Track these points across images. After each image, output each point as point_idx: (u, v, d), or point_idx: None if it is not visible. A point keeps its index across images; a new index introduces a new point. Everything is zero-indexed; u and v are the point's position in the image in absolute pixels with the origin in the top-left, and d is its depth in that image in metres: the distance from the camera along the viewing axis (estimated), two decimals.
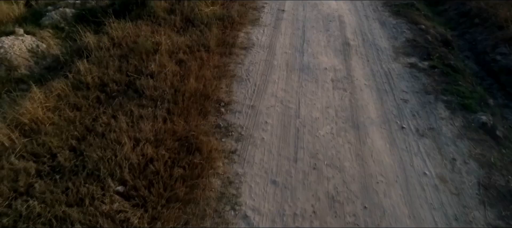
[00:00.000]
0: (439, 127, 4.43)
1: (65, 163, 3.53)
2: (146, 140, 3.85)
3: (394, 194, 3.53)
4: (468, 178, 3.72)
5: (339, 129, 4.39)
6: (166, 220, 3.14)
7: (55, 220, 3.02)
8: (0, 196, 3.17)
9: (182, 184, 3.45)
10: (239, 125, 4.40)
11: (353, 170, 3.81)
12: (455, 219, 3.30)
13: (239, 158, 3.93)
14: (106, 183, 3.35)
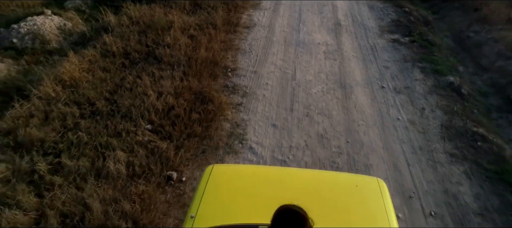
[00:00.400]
0: (414, 86, 5.23)
1: (103, 108, 4.32)
2: (167, 92, 4.63)
3: (371, 133, 4.32)
4: (433, 122, 4.51)
5: (329, 88, 5.18)
6: (187, 149, 3.92)
7: (99, 147, 3.80)
8: (53, 130, 3.95)
9: (198, 125, 4.24)
10: (244, 85, 5.18)
11: (339, 117, 4.60)
12: (420, 148, 4.08)
13: (244, 108, 4.72)
14: (138, 122, 4.13)
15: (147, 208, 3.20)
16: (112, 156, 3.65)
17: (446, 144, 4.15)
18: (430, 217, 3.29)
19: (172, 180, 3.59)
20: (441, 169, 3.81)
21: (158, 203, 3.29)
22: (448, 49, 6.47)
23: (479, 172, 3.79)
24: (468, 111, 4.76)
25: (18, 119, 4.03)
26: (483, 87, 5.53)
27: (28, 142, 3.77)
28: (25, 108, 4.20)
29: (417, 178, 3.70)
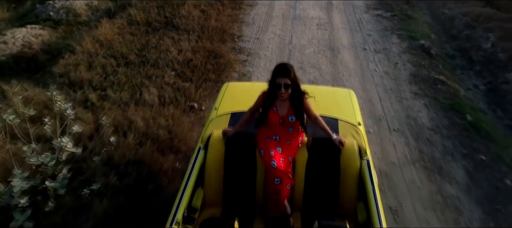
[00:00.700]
0: (390, 47, 6.24)
1: (134, 60, 5.32)
2: (186, 50, 5.64)
3: (353, 80, 5.32)
4: (404, 72, 5.52)
5: (319, 50, 6.18)
6: (204, 88, 4.92)
7: (135, 86, 4.79)
8: (97, 74, 4.94)
9: (212, 73, 5.24)
10: (248, 47, 6.18)
11: (327, 69, 5.60)
12: (390, 89, 5.09)
13: (249, 64, 5.71)
14: (164, 69, 5.13)
15: (176, 124, 4.19)
16: (146, 90, 4.65)
17: (412, 86, 5.16)
18: (393, 131, 4.29)
19: (194, 108, 4.59)
20: (405, 102, 4.82)
21: (184, 122, 4.29)
22: (425, 23, 7.48)
23: (436, 104, 4.79)
24: (434, 66, 5.76)
25: (69, 66, 5.02)
26: (451, 51, 6.53)
27: (79, 81, 4.76)
28: (73, 59, 5.19)
29: (386, 108, 4.70)
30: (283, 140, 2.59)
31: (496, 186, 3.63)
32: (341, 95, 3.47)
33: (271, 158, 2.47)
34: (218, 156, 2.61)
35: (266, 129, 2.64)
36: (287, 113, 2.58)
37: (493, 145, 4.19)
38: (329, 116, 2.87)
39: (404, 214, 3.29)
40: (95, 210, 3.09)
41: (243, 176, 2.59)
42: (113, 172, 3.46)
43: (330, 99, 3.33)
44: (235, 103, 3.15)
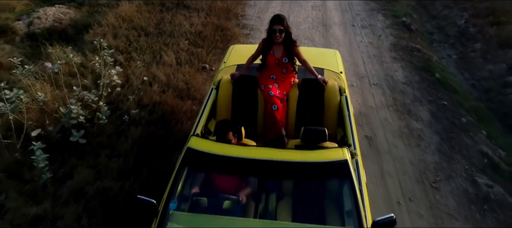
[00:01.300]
0: (375, 23, 7.09)
1: (153, 31, 6.16)
2: (196, 24, 6.48)
3: (341, 48, 6.15)
4: (386, 43, 6.37)
5: (313, 26, 7.02)
6: (213, 54, 5.76)
7: (155, 51, 5.62)
8: (122, 42, 5.78)
9: (220, 42, 6.08)
10: (251, 24, 7.03)
11: (319, 41, 6.44)
12: (373, 55, 5.93)
13: (251, 36, 6.55)
14: (179, 38, 5.97)
15: (192, 79, 5.03)
16: (165, 54, 5.49)
17: (391, 53, 6.01)
18: (373, 85, 5.13)
19: (206, 69, 5.43)
20: (385, 65, 5.66)
21: (198, 78, 5.12)
22: (408, 5, 8.32)
23: (410, 66, 5.64)
24: (413, 38, 6.61)
25: (97, 35, 5.85)
26: (430, 28, 7.38)
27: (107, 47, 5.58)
28: (100, 30, 6.03)
29: (368, 68, 5.54)
30: (278, 79, 3.35)
31: (453, 122, 4.47)
32: (328, 54, 4.29)
33: (270, 90, 3.26)
34: (227, 94, 3.37)
35: (265, 71, 3.42)
36: (281, 55, 3.34)
37: (455, 95, 5.03)
38: (317, 66, 3.59)
39: (377, 141, 4.13)
40: (132, 134, 3.92)
41: (247, 109, 3.34)
42: (144, 109, 4.30)
43: (319, 56, 4.12)
44: (239, 58, 3.89)
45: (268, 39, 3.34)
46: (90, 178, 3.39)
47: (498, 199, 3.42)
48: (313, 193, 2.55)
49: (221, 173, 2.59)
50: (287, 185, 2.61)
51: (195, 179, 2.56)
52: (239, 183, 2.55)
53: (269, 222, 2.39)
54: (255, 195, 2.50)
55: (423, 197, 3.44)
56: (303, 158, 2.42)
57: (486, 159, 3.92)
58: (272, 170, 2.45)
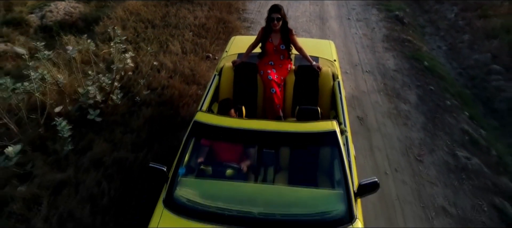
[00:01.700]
0: (370, 17, 7.46)
1: (159, 23, 6.53)
2: (200, 17, 6.85)
3: (337, 40, 6.52)
4: (379, 34, 6.74)
5: (311, 19, 7.39)
6: (216, 44, 6.12)
7: (162, 41, 5.99)
8: (130, 33, 6.14)
9: (222, 34, 6.45)
10: (251, 17, 7.40)
11: (316, 33, 6.81)
12: (367, 46, 6.30)
13: (252, 29, 6.92)
14: (184, 30, 6.34)
15: (196, 66, 5.40)
16: (171, 44, 5.86)
17: (384, 44, 6.38)
18: (366, 72, 5.50)
19: (209, 57, 5.80)
20: (377, 54, 6.03)
21: (202, 66, 5.49)
22: (402, 0, 8.69)
23: (401, 55, 6.01)
24: (405, 31, 6.99)
25: (107, 27, 6.22)
26: (422, 22, 7.76)
27: None
28: (109, 22, 6.40)
29: (361, 57, 5.91)
30: (276, 65, 3.65)
31: (438, 105, 4.84)
32: (323, 44, 4.63)
33: (268, 74, 3.57)
34: (229, 79, 3.67)
35: (264, 58, 3.72)
36: (279, 43, 3.64)
37: (442, 82, 5.40)
38: (313, 55, 3.86)
39: (368, 120, 4.50)
40: (143, 113, 4.29)
41: (248, 92, 3.63)
42: (153, 92, 4.67)
43: (315, 46, 4.43)
44: (240, 48, 4.17)
45: (267, 27, 3.64)
46: (107, 150, 3.76)
47: (475, 169, 3.79)
48: (306, 161, 2.80)
49: (224, 142, 2.83)
50: (284, 156, 2.88)
51: (201, 149, 2.82)
52: (241, 154, 2.83)
53: (267, 186, 2.69)
54: (255, 167, 2.76)
55: (407, 167, 3.81)
56: (296, 129, 2.68)
57: (467, 136, 4.29)
58: (270, 139, 2.70)
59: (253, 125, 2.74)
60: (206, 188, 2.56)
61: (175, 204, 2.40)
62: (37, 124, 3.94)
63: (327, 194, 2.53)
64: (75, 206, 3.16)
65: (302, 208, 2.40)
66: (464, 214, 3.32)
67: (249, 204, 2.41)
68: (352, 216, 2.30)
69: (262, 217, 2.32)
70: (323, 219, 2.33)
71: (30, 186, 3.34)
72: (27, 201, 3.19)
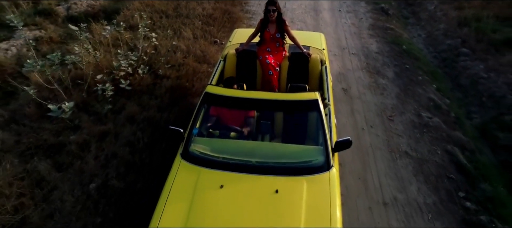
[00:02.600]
0: (358, 9, 8.36)
1: (172, 14, 7.43)
2: (207, 8, 7.74)
3: (328, 28, 7.42)
4: (365, 23, 7.64)
5: (306, 11, 8.29)
6: (223, 32, 7.02)
7: (175, 29, 6.88)
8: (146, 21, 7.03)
9: (227, 23, 7.34)
10: (253, 10, 8.29)
11: (310, 22, 7.71)
12: (354, 33, 7.20)
13: (253, 19, 7.81)
14: (194, 20, 7.24)
15: (206, 49, 6.29)
16: (183, 31, 6.75)
17: (369, 31, 7.28)
18: (352, 54, 6.40)
19: (217, 42, 6.69)
20: (363, 40, 6.93)
21: (211, 49, 6.38)
22: None
23: (383, 40, 6.91)
24: (389, 20, 7.88)
25: (126, 16, 7.11)
26: (406, 14, 8.66)
27: (136, 25, 6.84)
28: (128, 13, 7.29)
29: (349, 42, 6.81)
30: (273, 51, 4.33)
31: (411, 79, 5.74)
32: (315, 36, 5.34)
33: (266, 59, 4.25)
34: (232, 64, 4.37)
35: (262, 46, 4.40)
36: (274, 31, 4.31)
37: (417, 62, 6.30)
38: (306, 44, 4.53)
39: (351, 91, 5.39)
40: (164, 84, 5.18)
41: (248, 75, 4.26)
42: (172, 68, 5.56)
43: (308, 37, 5.04)
44: (242, 39, 4.78)
45: (264, 18, 4.24)
46: (138, 111, 4.65)
47: (435, 125, 4.69)
48: (296, 126, 3.40)
49: (229, 109, 3.41)
50: (278, 125, 3.46)
51: (210, 117, 3.41)
52: (242, 122, 3.41)
53: (263, 143, 3.28)
54: (254, 135, 3.33)
55: (380, 125, 4.71)
56: (287, 98, 3.32)
57: (432, 103, 5.19)
58: (265, 106, 3.35)
59: (252, 95, 3.35)
60: (215, 145, 3.12)
61: (190, 156, 2.95)
62: (80, 90, 4.84)
63: (310, 149, 3.08)
64: (117, 149, 4.05)
65: (290, 159, 2.94)
66: (421, 156, 4.22)
67: (248, 156, 2.94)
68: (329, 166, 2.87)
69: (258, 164, 2.87)
70: (306, 167, 2.88)
71: (80, 135, 4.24)
72: (80, 145, 4.09)
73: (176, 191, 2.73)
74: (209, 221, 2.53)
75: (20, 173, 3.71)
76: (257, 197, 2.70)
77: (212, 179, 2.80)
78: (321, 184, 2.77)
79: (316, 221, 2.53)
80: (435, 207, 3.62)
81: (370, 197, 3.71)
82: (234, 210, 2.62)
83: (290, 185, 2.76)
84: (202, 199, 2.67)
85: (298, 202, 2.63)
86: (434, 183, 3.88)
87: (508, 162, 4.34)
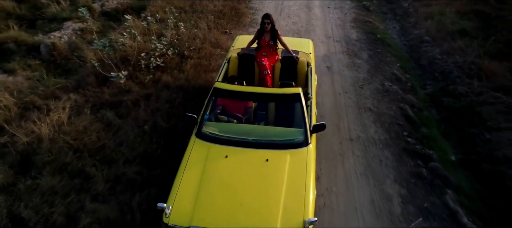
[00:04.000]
0: (344, 6, 9.93)
1: (189, 10, 8.99)
2: (218, 5, 9.31)
3: (318, 21, 8.99)
4: (349, 17, 9.21)
5: (300, 8, 9.86)
6: (231, 24, 8.58)
7: (193, 21, 8.44)
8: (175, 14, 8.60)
9: (235, 17, 8.91)
10: (256, 6, 9.86)
11: (304, 17, 9.28)
12: (339, 25, 8.76)
13: (256, 14, 9.37)
14: (207, 14, 8.80)
15: (219, 37, 7.85)
16: (200, 23, 8.31)
17: (351, 24, 8.85)
18: (335, 41, 7.97)
19: (227, 32, 8.25)
20: (345, 30, 8.50)
21: (223, 37, 7.94)
22: None
23: (362, 31, 8.48)
24: (369, 15, 9.46)
25: (152, 12, 8.66)
26: (385, 10, 10.23)
27: (161, 19, 8.39)
28: (153, 9, 8.85)
29: (334, 32, 8.38)
30: (268, 55, 5.29)
31: (381, 60, 7.31)
32: (303, 41, 6.56)
33: (262, 60, 5.52)
34: (234, 65, 5.23)
35: (259, 50, 5.43)
36: (269, 39, 5.21)
37: (388, 47, 7.87)
38: (295, 49, 5.30)
39: (333, 68, 6.95)
40: (189, 62, 6.74)
41: (247, 74, 5.14)
42: (194, 51, 7.12)
43: (297, 43, 6.00)
44: (242, 45, 5.56)
45: (261, 28, 5.16)
46: (171, 81, 6.21)
47: (394, 91, 6.26)
48: (284, 112, 4.30)
49: (232, 100, 4.32)
50: (270, 115, 4.36)
51: (217, 107, 4.31)
52: (243, 111, 4.34)
53: (258, 126, 4.16)
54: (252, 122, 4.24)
55: (353, 91, 6.27)
56: (277, 92, 4.30)
57: (394, 76, 6.76)
58: (261, 98, 4.34)
59: (250, 90, 4.35)
60: (221, 127, 3.95)
61: (202, 135, 3.83)
62: (127, 65, 6.39)
63: (293, 130, 3.93)
64: (160, 105, 5.61)
65: (277, 137, 3.82)
66: (380, 111, 5.79)
67: (246, 135, 3.82)
68: (307, 143, 3.75)
69: (254, 141, 3.76)
70: (289, 143, 3.75)
71: (131, 95, 5.79)
72: (132, 102, 5.64)
73: (193, 160, 3.59)
74: (217, 181, 3.40)
75: (94, 119, 5.27)
76: (253, 164, 3.56)
77: (219, 151, 3.65)
78: (300, 156, 3.65)
79: (295, 181, 3.38)
80: (385, 141, 5.19)
81: (341, 136, 5.28)
82: (235, 173, 3.50)
83: (277, 156, 3.61)
84: (212, 165, 3.53)
85: (283, 168, 3.49)
86: (387, 127, 5.46)
87: (446, 117, 5.91)
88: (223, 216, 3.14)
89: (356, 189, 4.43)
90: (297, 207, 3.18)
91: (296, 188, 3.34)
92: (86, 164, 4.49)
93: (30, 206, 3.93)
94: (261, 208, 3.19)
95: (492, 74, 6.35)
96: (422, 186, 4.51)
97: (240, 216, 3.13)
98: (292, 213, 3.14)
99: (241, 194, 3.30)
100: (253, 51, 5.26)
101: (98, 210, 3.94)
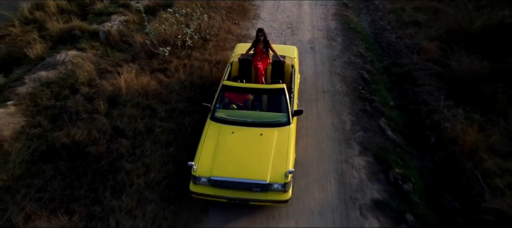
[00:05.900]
0: (328, 3, 12.50)
1: (205, 6, 11.53)
2: (228, 3, 11.85)
3: (307, 15, 11.53)
4: (330, 12, 11.77)
5: (293, 5, 12.41)
6: (239, 16, 11.12)
7: (209, 15, 10.97)
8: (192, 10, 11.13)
9: (241, 12, 11.45)
10: (258, 4, 12.42)
11: (296, 12, 11.83)
12: (322, 18, 11.31)
13: (259, 11, 11.92)
14: (220, 10, 11.34)
15: (230, 27, 10.39)
16: (214, 16, 10.85)
17: (332, 17, 11.40)
18: (318, 30, 10.52)
19: (236, 23, 10.79)
20: (327, 22, 11.06)
21: (234, 27, 10.48)
22: None
23: (340, 22, 11.03)
24: (346, 10, 12.01)
25: (178, 7, 11.18)
26: (361, 6, 12.80)
27: (186, 13, 10.90)
28: (179, 5, 11.38)
29: (318, 23, 10.93)
30: (262, 59, 7.14)
31: (352, 42, 9.86)
32: (289, 48, 8.82)
33: (257, 63, 7.59)
34: (236, 67, 6.81)
35: (255, 56, 7.38)
36: (262, 47, 7.19)
37: (358, 34, 10.43)
38: (283, 54, 6.90)
39: (315, 48, 9.51)
40: (211, 44, 9.28)
41: (246, 74, 6.68)
42: (212, 35, 9.67)
43: (285, 49, 8.04)
44: (241, 50, 7.18)
45: (256, 39, 6.65)
46: (199, 56, 8.74)
47: (357, 62, 8.81)
48: (273, 101, 5.68)
49: (236, 93, 5.84)
50: (264, 103, 5.81)
51: (225, 99, 5.77)
52: (244, 101, 5.89)
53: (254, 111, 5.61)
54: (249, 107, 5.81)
55: (328, 63, 8.82)
56: (268, 87, 5.82)
57: (359, 53, 9.31)
58: (256, 92, 5.82)
59: (249, 86, 5.89)
60: (229, 113, 5.44)
61: (215, 118, 5.29)
62: (166, 45, 8.91)
63: (280, 115, 5.37)
64: (194, 70, 8.15)
65: (268, 119, 5.29)
66: (346, 74, 8.35)
67: (246, 118, 5.30)
68: (289, 123, 5.22)
69: (251, 122, 5.20)
70: (277, 123, 5.20)
71: (173, 64, 8.33)
72: (174, 68, 8.17)
73: (209, 136, 5.04)
74: (227, 148, 4.82)
75: (150, 78, 7.80)
76: (251, 137, 5.00)
77: (227, 129, 5.11)
78: (284, 132, 5.10)
79: (280, 148, 4.84)
80: (346, 92, 7.74)
81: (317, 89, 7.82)
82: (239, 143, 4.94)
83: (268, 132, 5.05)
84: (223, 138, 4.96)
85: (272, 139, 4.94)
86: (348, 84, 8.01)
87: (392, 80, 8.46)
88: (231, 170, 4.63)
89: (324, 118, 6.99)
90: (281, 164, 4.67)
91: (281, 152, 4.80)
92: (151, 103, 7.04)
93: (123, 122, 6.47)
94: (257, 165, 4.67)
95: (427, 51, 8.90)
96: (366, 116, 7.08)
97: (243, 170, 4.62)
98: (278, 168, 4.64)
99: (243, 156, 4.77)
100: (250, 57, 6.76)
101: (164, 126, 6.49)
